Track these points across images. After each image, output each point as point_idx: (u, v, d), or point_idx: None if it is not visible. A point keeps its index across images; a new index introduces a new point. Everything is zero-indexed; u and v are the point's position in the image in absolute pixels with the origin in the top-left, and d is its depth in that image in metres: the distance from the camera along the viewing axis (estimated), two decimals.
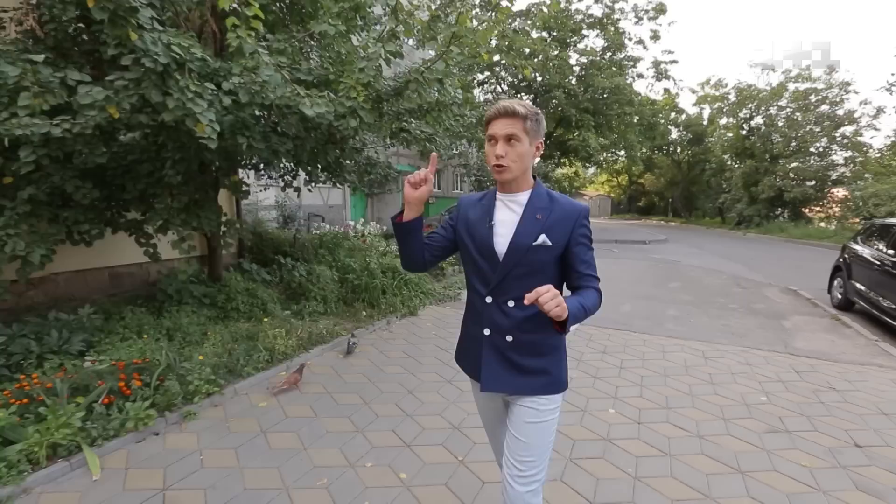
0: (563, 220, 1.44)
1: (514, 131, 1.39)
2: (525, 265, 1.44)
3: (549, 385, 1.49)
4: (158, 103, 2.69)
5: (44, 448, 2.57)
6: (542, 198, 1.48)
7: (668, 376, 4.06)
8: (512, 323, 1.47)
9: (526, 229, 1.44)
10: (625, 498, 2.40)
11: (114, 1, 2.47)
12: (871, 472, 2.65)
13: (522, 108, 1.40)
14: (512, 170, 1.43)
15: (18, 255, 3.53)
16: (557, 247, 1.44)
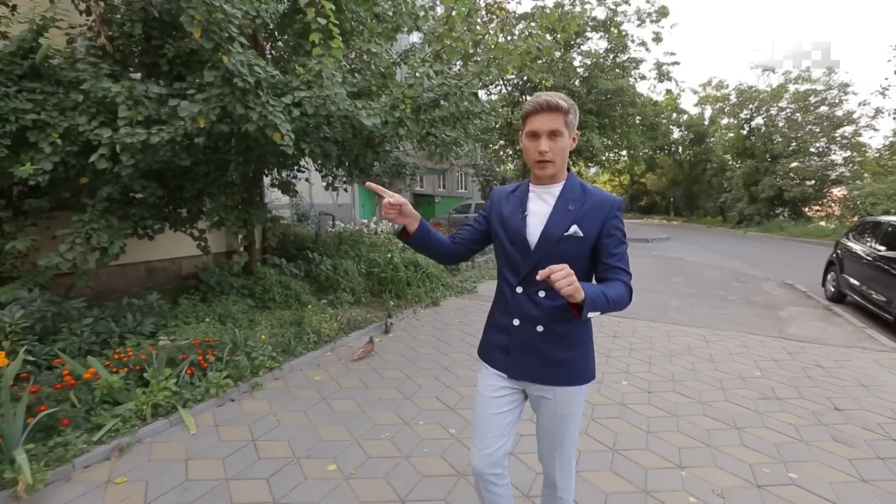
0: (596, 212, 1.44)
1: (557, 126, 1.39)
2: (556, 256, 1.42)
3: (579, 376, 1.51)
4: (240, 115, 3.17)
5: (149, 407, 3.06)
6: (574, 189, 1.48)
7: (673, 356, 4.53)
8: (542, 313, 1.47)
9: (557, 219, 1.45)
10: (639, 446, 2.87)
11: (218, 33, 2.94)
12: (847, 429, 3.12)
13: (564, 101, 1.40)
14: (556, 164, 1.44)
15: (102, 247, 4.03)
16: (589, 238, 1.44)
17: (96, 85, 3.59)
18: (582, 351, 1.51)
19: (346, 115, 3.45)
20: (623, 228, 1.48)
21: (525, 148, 1.47)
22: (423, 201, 25.37)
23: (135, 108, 3.43)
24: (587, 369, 1.53)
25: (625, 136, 23.71)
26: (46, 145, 3.68)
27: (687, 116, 33.68)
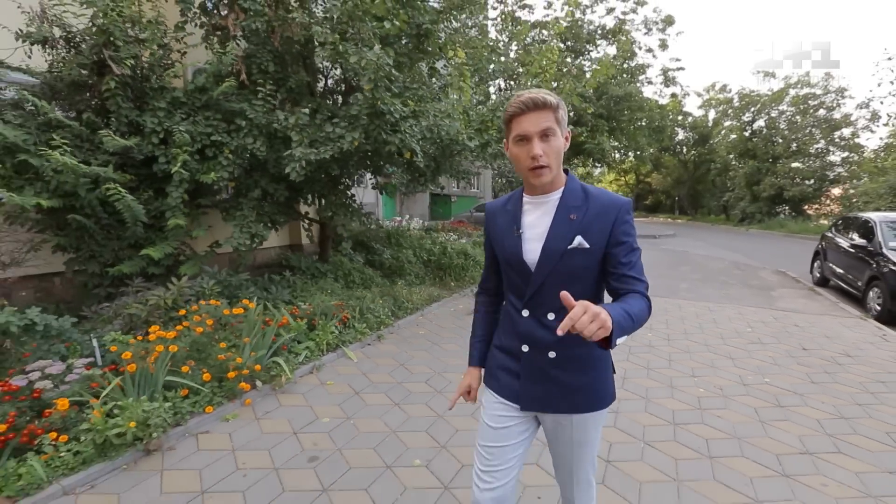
0: (601, 218, 1.26)
1: (549, 124, 1.22)
2: (561, 273, 1.28)
3: (599, 400, 1.37)
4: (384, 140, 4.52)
5: (324, 344, 4.42)
6: (575, 194, 1.30)
7: (685, 319, 5.88)
8: (554, 338, 1.30)
9: (559, 232, 1.28)
10: (664, 366, 4.22)
11: (385, 82, 4.28)
12: (809, 360, 4.46)
13: (552, 97, 1.24)
14: (552, 169, 1.26)
15: (258, 234, 5.41)
16: (597, 249, 1.26)
17: (268, 115, 4.98)
18: (600, 374, 1.37)
19: (454, 138, 4.81)
20: (634, 233, 1.30)
21: (514, 156, 1.28)
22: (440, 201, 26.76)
23: (301, 133, 4.79)
24: (606, 393, 1.39)
25: (632, 138, 25.03)
26: (223, 158, 5.07)
27: (691, 118, 34.87)
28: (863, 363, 4.39)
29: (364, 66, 4.09)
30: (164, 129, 4.80)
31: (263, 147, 5.12)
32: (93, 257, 4.77)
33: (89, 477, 2.50)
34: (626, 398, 3.58)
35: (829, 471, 2.64)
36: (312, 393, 3.64)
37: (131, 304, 4.17)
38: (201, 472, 2.60)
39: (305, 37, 5.40)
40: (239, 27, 5.40)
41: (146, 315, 4.10)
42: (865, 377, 4.03)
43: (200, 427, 3.07)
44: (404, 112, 4.39)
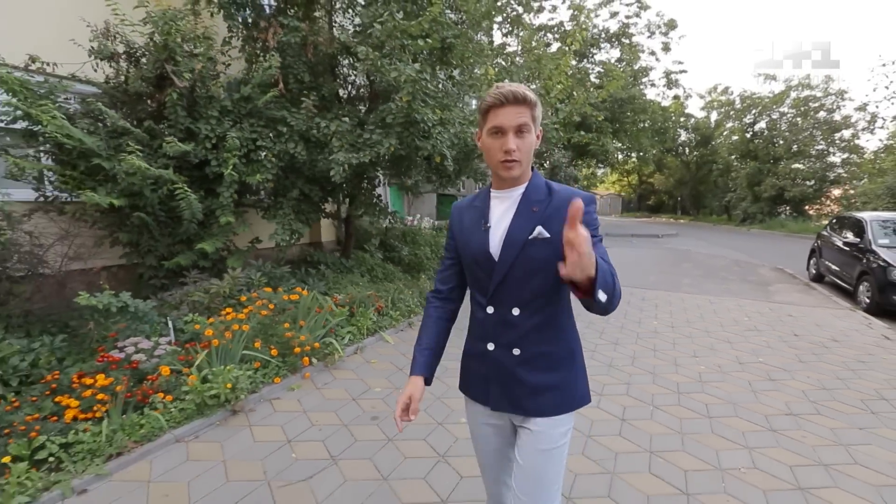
0: (563, 210, 1.20)
1: (525, 120, 1.22)
2: (523, 264, 1.27)
3: (566, 403, 1.32)
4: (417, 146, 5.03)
5: (364, 330, 4.94)
6: (539, 189, 1.31)
7: (687, 310, 6.38)
8: (518, 334, 1.30)
9: (520, 223, 1.28)
10: (668, 349, 4.72)
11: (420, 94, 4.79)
12: (799, 344, 4.96)
13: (531, 93, 1.23)
14: (523, 164, 1.26)
15: (297, 230, 5.91)
16: (557, 241, 1.18)
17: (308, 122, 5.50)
18: (568, 373, 1.34)
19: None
20: (597, 225, 1.28)
21: (486, 147, 1.29)
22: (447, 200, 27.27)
23: (341, 139, 5.30)
24: (576, 394, 1.35)
25: (635, 139, 25.52)
26: (266, 161, 5.57)
27: (694, 120, 35.29)
28: (847, 347, 4.88)
29: (404, 80, 4.60)
30: (216, 135, 5.31)
31: (303, 151, 5.64)
32: (149, 251, 5.28)
33: (192, 429, 3.02)
34: (636, 373, 4.09)
35: (809, 427, 3.14)
36: (361, 369, 4.16)
37: (194, 292, 4.70)
38: (283, 426, 3.12)
39: (337, 50, 5.94)
40: (276, 41, 5.93)
41: (208, 302, 4.63)
42: (848, 357, 4.53)
43: (271, 394, 3.58)
44: (435, 120, 4.90)
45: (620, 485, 2.50)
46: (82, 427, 2.71)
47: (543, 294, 1.29)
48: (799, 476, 2.58)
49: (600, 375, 4.03)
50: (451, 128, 5.19)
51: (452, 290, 1.54)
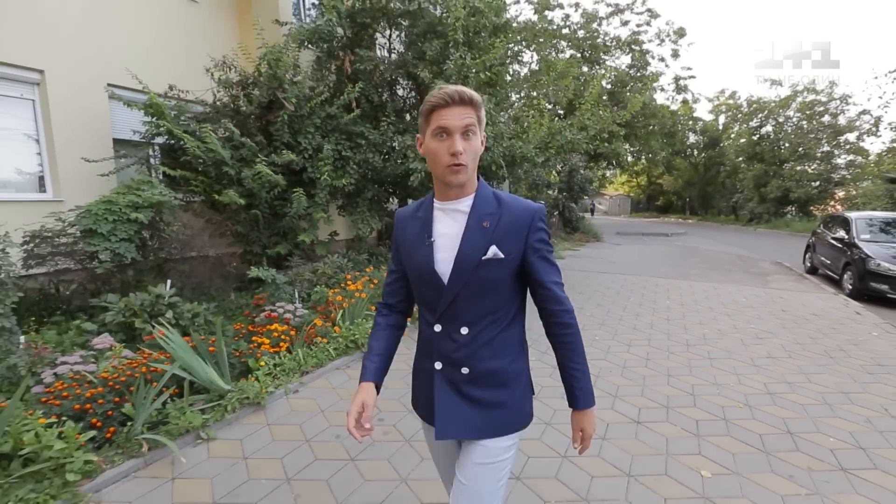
0: (515, 226, 1.20)
1: (472, 122, 1.15)
2: (475, 284, 1.21)
3: (511, 421, 1.28)
4: None
5: None
6: (488, 201, 1.23)
7: (694, 294, 7.59)
8: (467, 352, 1.24)
9: (472, 242, 1.20)
10: (679, 329, 5.93)
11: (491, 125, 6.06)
12: (785, 317, 6.16)
13: (476, 94, 1.16)
14: (469, 169, 1.19)
15: (371, 225, 7.18)
16: (512, 259, 1.21)
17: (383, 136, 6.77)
18: (516, 390, 1.29)
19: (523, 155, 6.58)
20: (548, 240, 1.27)
21: (431, 152, 1.18)
22: None
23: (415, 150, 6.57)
24: (521, 413, 1.30)
25: (646, 142, 26.62)
26: (350, 168, 6.85)
27: (701, 123, 36.25)
28: (824, 319, 6.08)
29: None
30: (312, 147, 6.59)
31: (380, 160, 6.92)
32: (255, 242, 6.56)
33: (343, 363, 4.30)
34: (655, 334, 5.32)
35: (783, 365, 4.36)
36: None
37: (304, 272, 5.99)
38: (407, 360, 4.38)
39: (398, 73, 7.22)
40: (351, 67, 7.23)
41: (315, 280, 5.92)
42: (823, 326, 5.73)
43: None
44: (491, 136, 6.16)
45: (642, 431, 3.74)
46: (282, 355, 4.00)
47: (494, 312, 1.24)
48: (772, 388, 3.81)
49: (628, 333, 5.29)
50: (504, 142, 6.44)
51: (401, 303, 1.44)
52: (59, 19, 5.80)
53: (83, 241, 4.53)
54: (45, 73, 5.81)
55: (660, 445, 2.93)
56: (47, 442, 2.41)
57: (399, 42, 8.15)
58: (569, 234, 17.57)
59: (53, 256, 4.72)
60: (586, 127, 7.41)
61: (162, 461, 2.71)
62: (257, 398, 3.36)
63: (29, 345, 3.57)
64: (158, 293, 4.40)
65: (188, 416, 2.96)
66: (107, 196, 4.81)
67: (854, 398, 3.63)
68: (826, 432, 3.10)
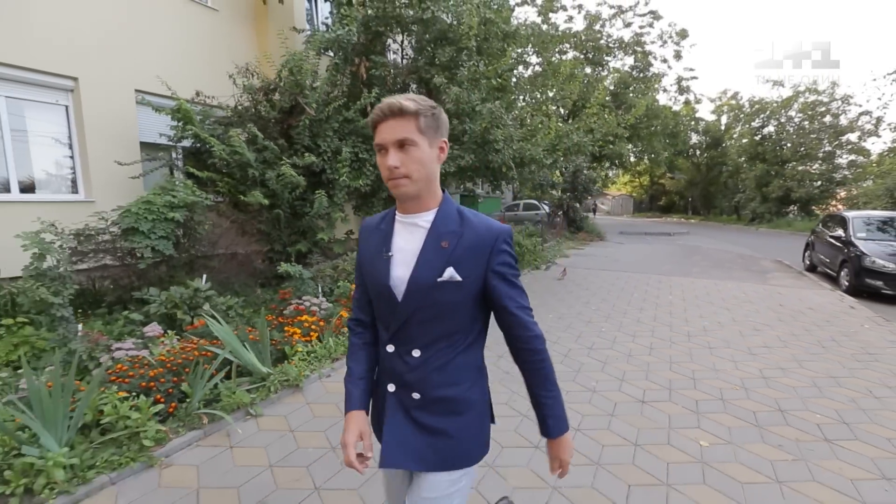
0: (477, 248, 1.13)
1: (405, 135, 1.08)
2: (430, 307, 1.14)
3: (461, 454, 1.20)
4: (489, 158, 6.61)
5: None
6: (450, 218, 1.16)
7: (696, 290, 7.91)
8: (419, 376, 1.17)
9: (428, 261, 1.13)
10: (680, 317, 6.25)
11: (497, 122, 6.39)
12: (782, 311, 6.46)
13: (412, 102, 1.09)
14: (413, 181, 1.11)
15: None
16: (470, 283, 1.13)
17: None
18: (469, 420, 1.21)
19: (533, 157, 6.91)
20: (513, 263, 1.19)
21: (379, 166, 1.15)
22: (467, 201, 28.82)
23: None
24: (474, 444, 1.23)
25: (648, 142, 26.91)
26: (366, 170, 7.17)
27: (704, 123, 36.48)
28: (819, 313, 6.38)
29: (485, 113, 6.20)
30: (331, 150, 6.92)
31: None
32: (276, 240, 6.89)
33: None
34: (658, 326, 5.64)
35: (778, 353, 4.67)
36: None
37: (325, 268, 6.32)
38: None
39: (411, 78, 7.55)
40: (367, 73, 7.57)
41: (336, 275, 6.25)
42: (817, 319, 6.04)
43: None
44: (502, 139, 6.50)
45: (649, 409, 4.07)
46: (313, 343, 4.34)
47: (449, 336, 1.17)
48: (766, 373, 4.13)
49: (632, 325, 5.61)
50: (514, 144, 6.77)
51: (373, 317, 1.33)
52: (92, 29, 6.16)
53: (126, 239, 4.88)
54: (79, 80, 6.16)
55: (663, 421, 3.26)
56: (124, 413, 2.75)
57: (410, 47, 8.49)
58: (573, 234, 17.87)
59: (95, 253, 5.07)
60: (592, 130, 7.75)
61: (219, 433, 3.05)
62: (296, 380, 3.70)
63: (86, 332, 3.91)
64: (196, 287, 4.75)
65: (238, 394, 3.29)
66: (145, 197, 5.16)
67: (842, 382, 3.95)
68: (814, 410, 3.41)
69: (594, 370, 4.20)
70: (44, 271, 3.84)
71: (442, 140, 1.17)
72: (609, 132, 7.95)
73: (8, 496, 2.28)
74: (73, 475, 2.42)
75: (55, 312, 3.87)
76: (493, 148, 6.52)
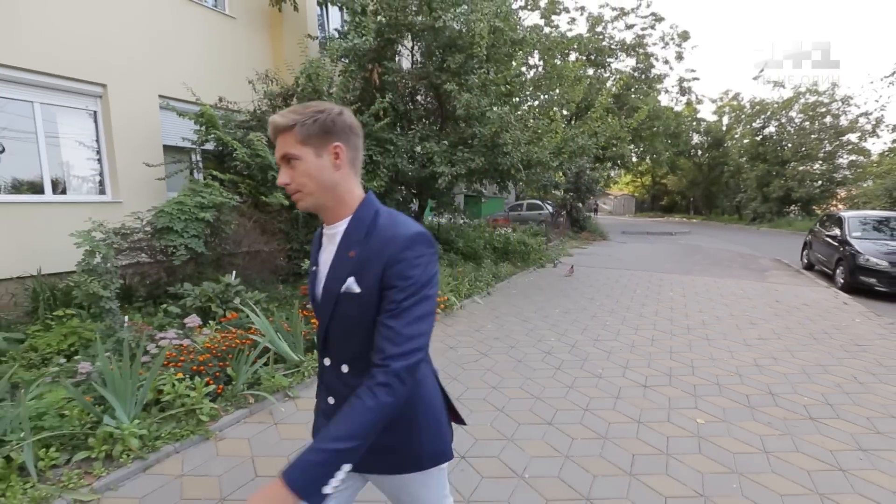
0: (377, 256, 1.03)
1: (286, 150, 1.06)
2: (339, 321, 1.11)
3: (409, 463, 1.18)
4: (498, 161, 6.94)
5: (461, 294, 6.84)
6: (361, 226, 1.09)
7: (696, 286, 8.22)
8: (349, 392, 1.05)
9: (335, 272, 1.10)
10: (681, 312, 6.56)
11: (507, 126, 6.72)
12: (778, 307, 6.77)
13: (284, 116, 1.06)
14: (307, 194, 1.09)
15: None
16: (368, 294, 1.04)
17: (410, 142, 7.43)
18: (406, 436, 1.16)
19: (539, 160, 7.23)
20: (416, 276, 1.02)
21: None
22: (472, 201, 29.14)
23: (441, 156, 7.22)
24: (421, 453, 1.18)
25: (650, 143, 27.21)
26: (380, 172, 7.50)
27: (705, 123, 36.75)
28: (813, 308, 6.69)
29: (495, 118, 6.53)
30: None
31: (407, 163, 7.57)
32: (294, 239, 7.22)
33: None
34: (659, 320, 5.96)
35: (772, 345, 4.99)
36: (470, 316, 6.09)
37: None
38: (443, 340, 5.04)
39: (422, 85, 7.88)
40: (379, 79, 7.90)
41: None
42: (812, 314, 6.35)
43: None
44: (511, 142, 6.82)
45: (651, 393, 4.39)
46: None
47: (366, 355, 1.06)
48: (760, 362, 4.44)
49: (635, 319, 5.93)
50: (522, 147, 7.10)
51: None
52: (119, 39, 6.49)
53: (161, 238, 5.22)
54: (108, 86, 6.50)
55: (663, 402, 3.58)
56: (182, 392, 3.09)
57: (419, 52, 8.82)
58: (576, 233, 18.19)
59: (131, 251, 5.41)
60: (596, 133, 8.08)
61: (262, 412, 3.38)
62: None
63: (133, 323, 4.25)
64: (227, 282, 5.09)
65: (277, 378, 3.63)
66: (177, 198, 5.49)
67: (830, 369, 4.26)
68: (801, 393, 3.73)
69: (600, 359, 4.52)
70: (94, 267, 4.17)
71: (334, 145, 1.07)
72: (613, 136, 8.28)
73: (92, 460, 2.61)
74: (143, 444, 2.75)
75: (104, 305, 4.21)
76: (502, 151, 6.84)
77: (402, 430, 1.15)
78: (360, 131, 1.15)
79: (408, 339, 0.99)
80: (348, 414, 0.95)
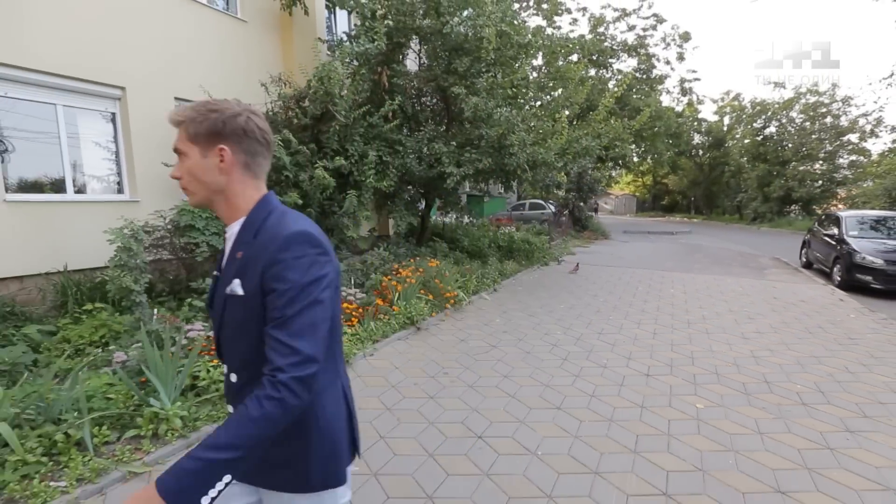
0: (258, 256, 1.00)
1: (177, 144, 1.06)
2: (228, 326, 1.08)
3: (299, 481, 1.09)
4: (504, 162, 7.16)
5: (470, 290, 7.06)
6: (251, 227, 1.06)
7: (697, 284, 8.44)
8: (239, 402, 1.01)
9: (225, 274, 1.08)
10: (681, 307, 6.78)
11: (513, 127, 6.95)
12: (776, 303, 6.99)
13: (177, 112, 1.05)
14: (192, 192, 1.07)
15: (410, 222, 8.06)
16: (251, 298, 1.00)
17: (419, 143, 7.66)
18: (299, 452, 1.07)
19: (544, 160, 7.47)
20: (295, 279, 0.96)
21: None
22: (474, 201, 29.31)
23: (449, 156, 7.44)
24: (307, 475, 1.08)
25: (651, 143, 27.42)
26: (390, 172, 7.72)
27: (706, 123, 36.92)
28: (810, 305, 6.91)
29: (502, 120, 6.75)
30: (359, 153, 7.47)
31: (416, 164, 7.80)
32: None
33: (403, 335, 5.19)
34: (660, 316, 6.18)
35: (769, 338, 5.21)
36: (478, 311, 6.32)
37: (355, 262, 6.88)
38: (454, 333, 5.27)
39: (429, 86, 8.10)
40: (388, 81, 8.11)
41: (365, 269, 6.81)
42: (808, 310, 6.57)
43: (431, 322, 5.74)
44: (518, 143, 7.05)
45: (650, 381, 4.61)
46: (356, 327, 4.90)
47: (253, 362, 1.01)
48: (757, 354, 4.67)
49: (637, 315, 6.16)
50: (528, 148, 7.33)
51: None
52: (137, 43, 6.70)
53: (184, 235, 5.45)
54: (126, 89, 6.73)
55: (665, 389, 3.81)
56: (216, 378, 3.32)
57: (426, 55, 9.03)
58: (578, 233, 18.41)
59: (154, 248, 5.64)
60: (600, 135, 8.31)
61: None
62: (346, 357, 4.25)
63: (161, 316, 4.48)
64: None
65: None
66: None
67: (823, 361, 4.49)
68: (795, 382, 3.96)
69: (604, 351, 4.75)
70: (125, 262, 4.41)
71: (220, 147, 1.03)
72: (616, 137, 8.52)
73: (140, 437, 2.85)
74: (184, 424, 2.99)
75: (134, 298, 4.44)
76: (509, 152, 7.07)
77: (293, 445, 1.07)
78: (264, 137, 1.09)
79: (295, 351, 0.92)
80: (230, 423, 0.89)
